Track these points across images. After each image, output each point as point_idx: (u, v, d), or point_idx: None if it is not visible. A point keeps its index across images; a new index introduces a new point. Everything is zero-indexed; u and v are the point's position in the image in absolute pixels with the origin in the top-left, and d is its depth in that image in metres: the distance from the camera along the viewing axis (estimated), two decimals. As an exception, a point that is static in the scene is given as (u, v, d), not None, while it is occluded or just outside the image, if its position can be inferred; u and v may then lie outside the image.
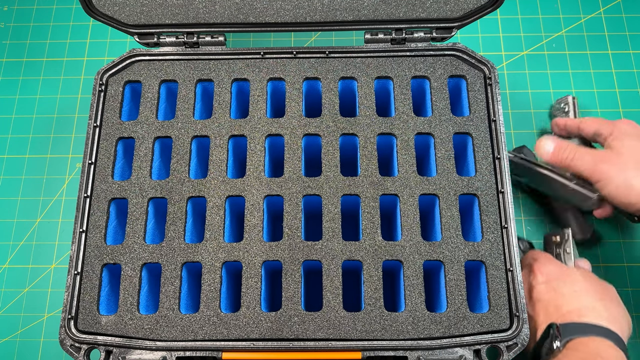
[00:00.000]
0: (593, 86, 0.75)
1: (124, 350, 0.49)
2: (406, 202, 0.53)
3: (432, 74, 0.58)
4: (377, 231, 0.52)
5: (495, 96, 0.57)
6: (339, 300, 0.50)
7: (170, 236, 0.53)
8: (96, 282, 0.52)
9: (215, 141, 0.56)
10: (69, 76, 0.78)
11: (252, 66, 0.59)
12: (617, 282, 0.67)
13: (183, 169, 0.55)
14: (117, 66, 0.59)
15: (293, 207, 0.54)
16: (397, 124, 0.56)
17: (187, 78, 0.59)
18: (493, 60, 0.68)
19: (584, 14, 0.79)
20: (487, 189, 0.54)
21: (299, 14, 0.59)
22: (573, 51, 0.77)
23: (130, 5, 0.58)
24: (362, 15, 0.59)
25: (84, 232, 0.53)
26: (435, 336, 0.49)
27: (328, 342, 0.49)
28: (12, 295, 0.68)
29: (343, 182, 0.54)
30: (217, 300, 0.51)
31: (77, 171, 0.73)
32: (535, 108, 0.74)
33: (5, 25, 0.81)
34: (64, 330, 0.50)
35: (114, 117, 0.57)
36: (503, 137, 0.55)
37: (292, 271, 0.51)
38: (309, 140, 0.58)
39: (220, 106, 0.58)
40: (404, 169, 0.55)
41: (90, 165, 0.55)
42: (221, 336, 0.49)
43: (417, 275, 0.51)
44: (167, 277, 0.51)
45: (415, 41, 0.60)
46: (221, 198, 0.54)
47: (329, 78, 0.58)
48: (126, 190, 0.54)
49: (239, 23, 0.59)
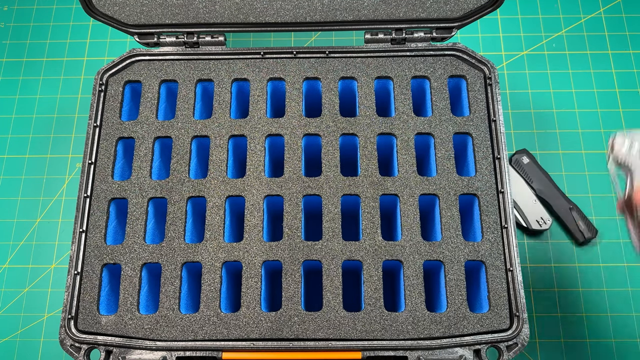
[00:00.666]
0: (593, 86, 0.75)
1: (124, 350, 0.49)
2: (406, 202, 0.53)
3: (432, 74, 0.58)
4: (377, 231, 0.52)
5: (495, 96, 0.57)
6: (339, 300, 0.50)
7: (170, 236, 0.53)
8: (96, 282, 0.52)
9: (215, 141, 0.56)
10: (69, 76, 0.78)
11: (252, 66, 0.59)
12: (617, 282, 0.67)
13: (183, 169, 0.55)
14: (117, 66, 0.59)
15: (293, 207, 0.54)
16: (397, 124, 0.56)
17: (187, 78, 0.59)
18: (493, 60, 0.68)
19: (584, 14, 0.79)
20: (487, 189, 0.54)
21: (299, 14, 0.59)
22: (573, 51, 0.77)
23: (130, 5, 0.58)
24: (362, 15, 0.59)
25: (84, 232, 0.53)
26: (435, 336, 0.49)
27: (328, 342, 0.49)
28: (12, 295, 0.68)
29: (343, 182, 0.54)
30: (217, 300, 0.51)
31: (77, 171, 0.73)
32: (535, 108, 0.74)
33: (5, 25, 0.81)
34: (64, 330, 0.50)
35: (114, 117, 0.57)
36: (503, 137, 0.55)
37: (292, 271, 0.51)
38: (309, 140, 0.58)
39: (220, 106, 0.58)
40: (404, 169, 0.55)
41: (90, 165, 0.55)
42: (221, 336, 0.49)
43: (417, 275, 0.51)
44: (167, 277, 0.51)
45: (415, 41, 0.60)
46: (221, 198, 0.54)
47: (329, 78, 0.58)
48: (126, 190, 0.54)
49: (239, 23, 0.59)
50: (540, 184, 0.69)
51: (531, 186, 0.69)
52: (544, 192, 0.68)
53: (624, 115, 0.74)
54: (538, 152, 0.72)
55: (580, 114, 0.74)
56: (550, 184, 0.69)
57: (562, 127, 0.74)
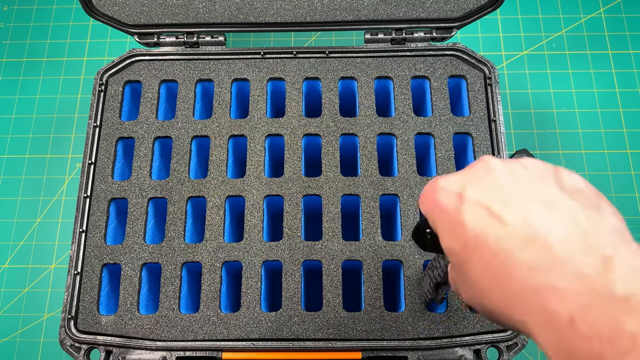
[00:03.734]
0: (593, 86, 0.75)
1: (124, 350, 0.49)
2: (406, 202, 0.53)
3: (432, 74, 0.58)
4: (377, 231, 0.52)
5: (495, 96, 0.57)
6: (339, 300, 0.50)
7: (170, 236, 0.53)
8: (96, 282, 0.51)
9: (215, 141, 0.56)
10: (69, 76, 0.78)
11: (252, 66, 0.59)
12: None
13: (183, 169, 0.55)
14: (117, 66, 0.59)
15: (293, 207, 0.54)
16: (397, 124, 0.56)
17: (187, 78, 0.59)
18: (493, 60, 0.68)
19: (584, 14, 0.79)
20: (487, 189, 0.54)
21: (299, 14, 0.59)
22: (573, 51, 0.77)
23: (130, 5, 0.58)
24: (362, 15, 0.59)
25: (84, 232, 0.53)
26: (435, 336, 0.49)
27: (328, 342, 0.49)
28: (12, 295, 0.68)
29: (343, 182, 0.54)
30: (217, 300, 0.51)
31: (77, 171, 0.73)
32: (535, 108, 0.74)
33: (5, 25, 0.81)
34: (64, 330, 0.50)
35: (114, 117, 0.57)
36: (503, 137, 0.55)
37: (292, 271, 0.51)
38: (309, 140, 0.58)
39: (220, 106, 0.58)
40: (404, 169, 0.55)
41: (90, 165, 0.55)
42: (221, 336, 0.49)
43: (417, 275, 0.51)
44: (167, 277, 0.51)
45: (415, 41, 0.60)
46: (221, 198, 0.54)
47: (329, 78, 0.58)
48: (126, 190, 0.54)
49: (239, 23, 0.59)
50: None
51: None
52: None
53: (624, 115, 0.74)
54: (538, 152, 0.72)
55: (580, 114, 0.74)
56: None
57: (562, 127, 0.74)
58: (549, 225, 0.26)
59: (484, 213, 0.28)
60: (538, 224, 0.26)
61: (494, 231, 0.27)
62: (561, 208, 0.26)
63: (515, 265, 0.26)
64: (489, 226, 0.27)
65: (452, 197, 0.29)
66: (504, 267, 0.26)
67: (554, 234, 0.25)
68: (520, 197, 0.27)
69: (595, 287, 0.24)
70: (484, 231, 0.27)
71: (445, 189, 0.30)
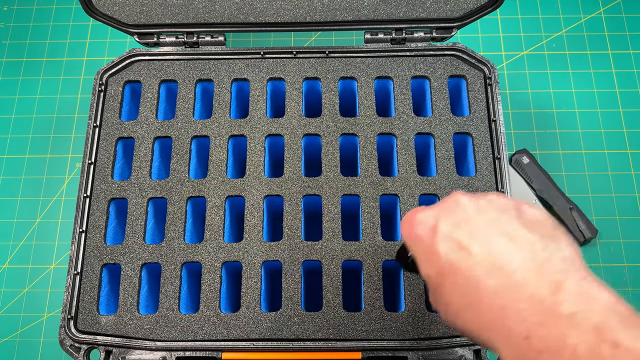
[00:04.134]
0: (593, 86, 0.75)
1: (124, 350, 0.49)
2: (406, 202, 0.53)
3: (432, 74, 0.58)
4: (377, 231, 0.52)
5: (495, 96, 0.57)
6: (339, 300, 0.50)
7: (170, 236, 0.53)
8: (96, 282, 0.51)
9: (215, 141, 0.56)
10: (68, 76, 0.78)
11: (252, 66, 0.59)
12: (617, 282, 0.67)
13: (183, 169, 0.55)
14: (117, 66, 0.59)
15: (293, 207, 0.54)
16: (397, 124, 0.56)
17: (187, 78, 0.59)
18: (493, 60, 0.68)
19: (584, 14, 0.79)
20: (487, 189, 0.54)
21: (299, 14, 0.59)
22: (573, 51, 0.77)
23: (130, 5, 0.58)
24: (362, 15, 0.59)
25: (84, 232, 0.53)
26: (435, 336, 0.49)
27: (328, 342, 0.49)
28: (12, 295, 0.68)
29: (343, 182, 0.54)
30: (217, 300, 0.51)
31: (77, 171, 0.73)
32: (535, 108, 0.74)
33: (5, 25, 0.81)
34: (63, 330, 0.50)
35: (114, 117, 0.57)
36: (503, 137, 0.55)
37: (292, 271, 0.51)
38: (309, 140, 0.58)
39: (220, 106, 0.58)
40: (404, 169, 0.55)
41: (90, 165, 0.55)
42: (221, 336, 0.49)
43: (416, 275, 0.51)
44: (167, 277, 0.51)
45: (415, 41, 0.60)
46: (221, 198, 0.54)
47: (329, 78, 0.58)
48: (126, 190, 0.54)
49: (239, 23, 0.59)
50: (540, 184, 0.69)
51: (531, 186, 0.69)
52: (544, 192, 0.68)
53: (624, 115, 0.74)
54: (538, 152, 0.72)
55: (580, 114, 0.74)
56: (550, 184, 0.69)
57: (562, 127, 0.74)
58: (509, 255, 0.30)
59: (454, 246, 0.32)
60: (500, 254, 0.30)
61: (463, 262, 0.31)
62: (520, 239, 0.31)
63: (483, 289, 0.30)
64: (459, 257, 0.31)
65: (427, 230, 0.34)
66: (474, 291, 0.31)
67: (514, 262, 0.30)
68: (485, 230, 0.32)
69: (547, 307, 0.27)
70: (456, 261, 0.32)
71: (421, 221, 0.35)
